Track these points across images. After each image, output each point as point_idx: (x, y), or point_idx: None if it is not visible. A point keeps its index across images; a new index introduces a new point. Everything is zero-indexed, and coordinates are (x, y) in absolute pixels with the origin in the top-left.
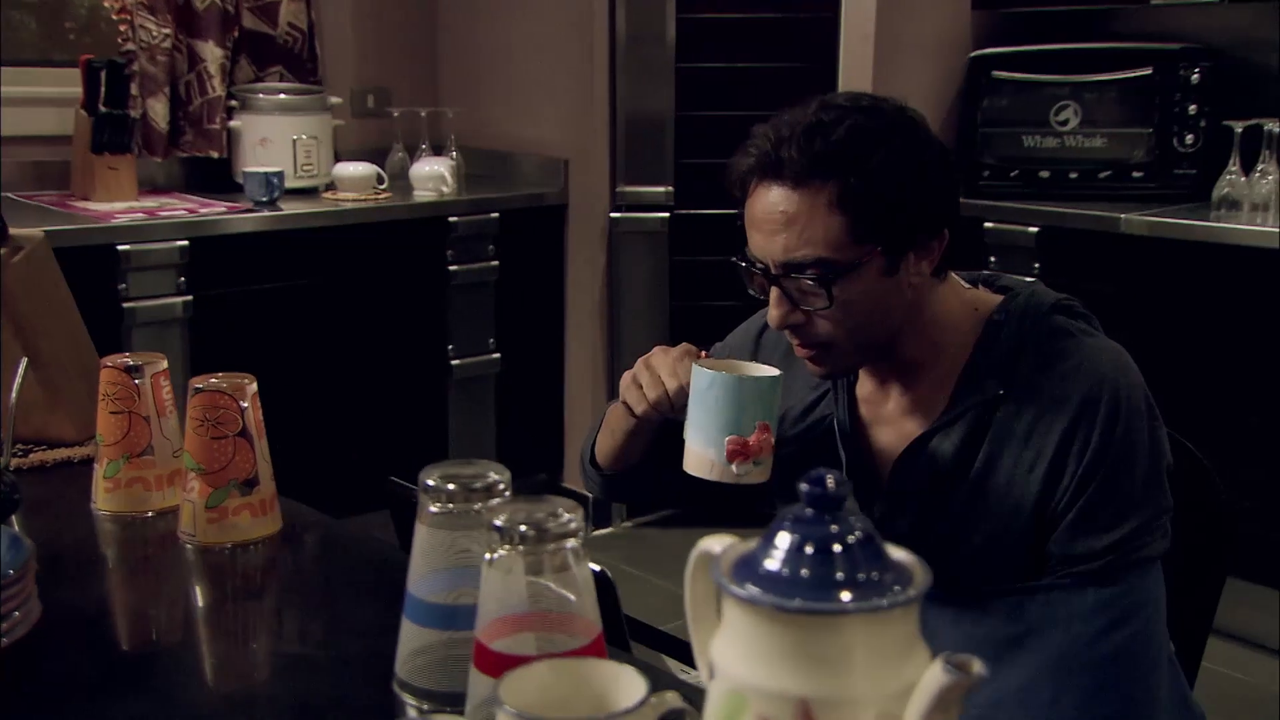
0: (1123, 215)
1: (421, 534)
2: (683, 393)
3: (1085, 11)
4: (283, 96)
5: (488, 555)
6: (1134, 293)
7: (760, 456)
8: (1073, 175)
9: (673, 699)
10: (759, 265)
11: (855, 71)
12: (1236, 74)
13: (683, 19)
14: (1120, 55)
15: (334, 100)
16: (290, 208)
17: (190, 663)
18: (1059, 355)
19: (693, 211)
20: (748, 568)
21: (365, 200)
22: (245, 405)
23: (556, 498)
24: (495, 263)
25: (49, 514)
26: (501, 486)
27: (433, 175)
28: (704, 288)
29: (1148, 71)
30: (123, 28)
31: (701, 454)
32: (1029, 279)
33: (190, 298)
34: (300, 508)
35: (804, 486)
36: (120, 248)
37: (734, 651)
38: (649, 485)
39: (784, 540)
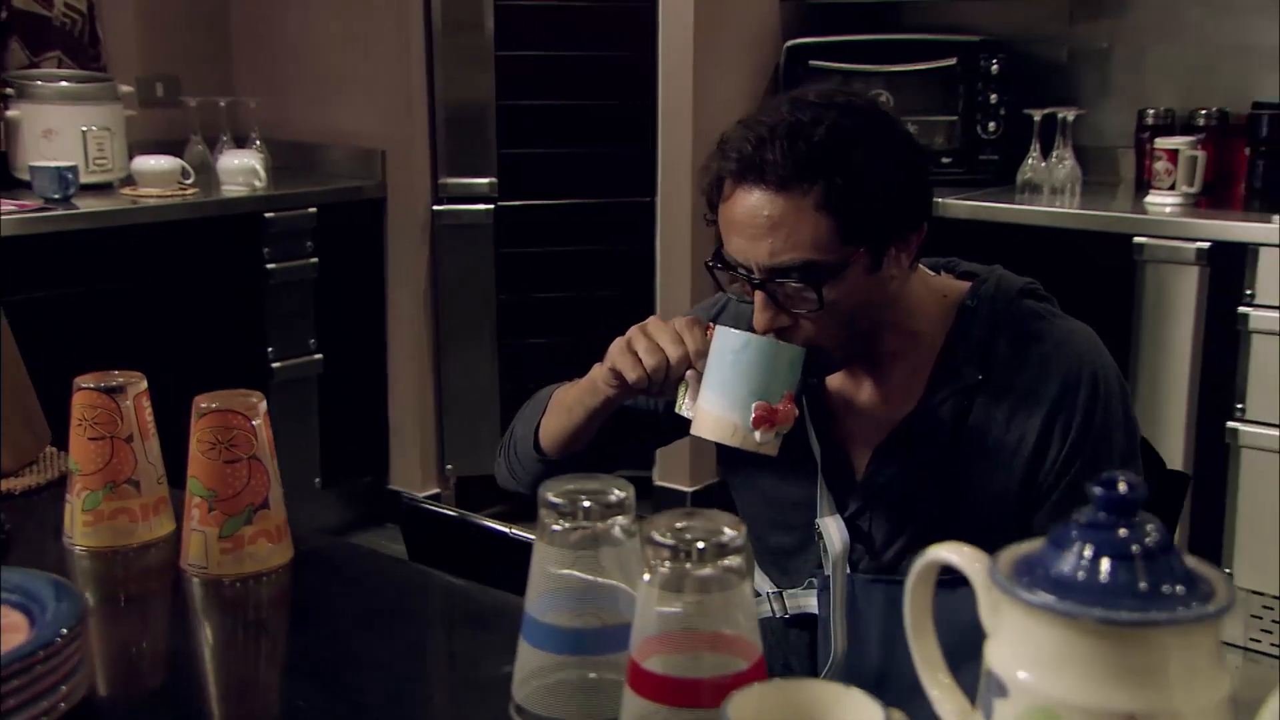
0: (940, 200)
1: (542, 553)
2: (686, 360)
3: (884, 4)
4: (66, 84)
5: (646, 575)
6: None
7: (783, 426)
8: None
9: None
10: (741, 270)
11: (675, 60)
12: (1030, 65)
13: (501, 6)
14: (927, 46)
15: (124, 89)
16: (87, 205)
17: (286, 709)
18: (1034, 338)
19: (517, 203)
20: (1034, 575)
21: (170, 196)
22: (257, 424)
23: (716, 511)
24: (314, 260)
25: (13, 554)
26: (627, 502)
27: (243, 169)
28: (531, 280)
29: (952, 62)
30: None
31: (723, 418)
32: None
33: None
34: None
35: (1097, 490)
36: None
37: (1041, 667)
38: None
39: (1078, 547)
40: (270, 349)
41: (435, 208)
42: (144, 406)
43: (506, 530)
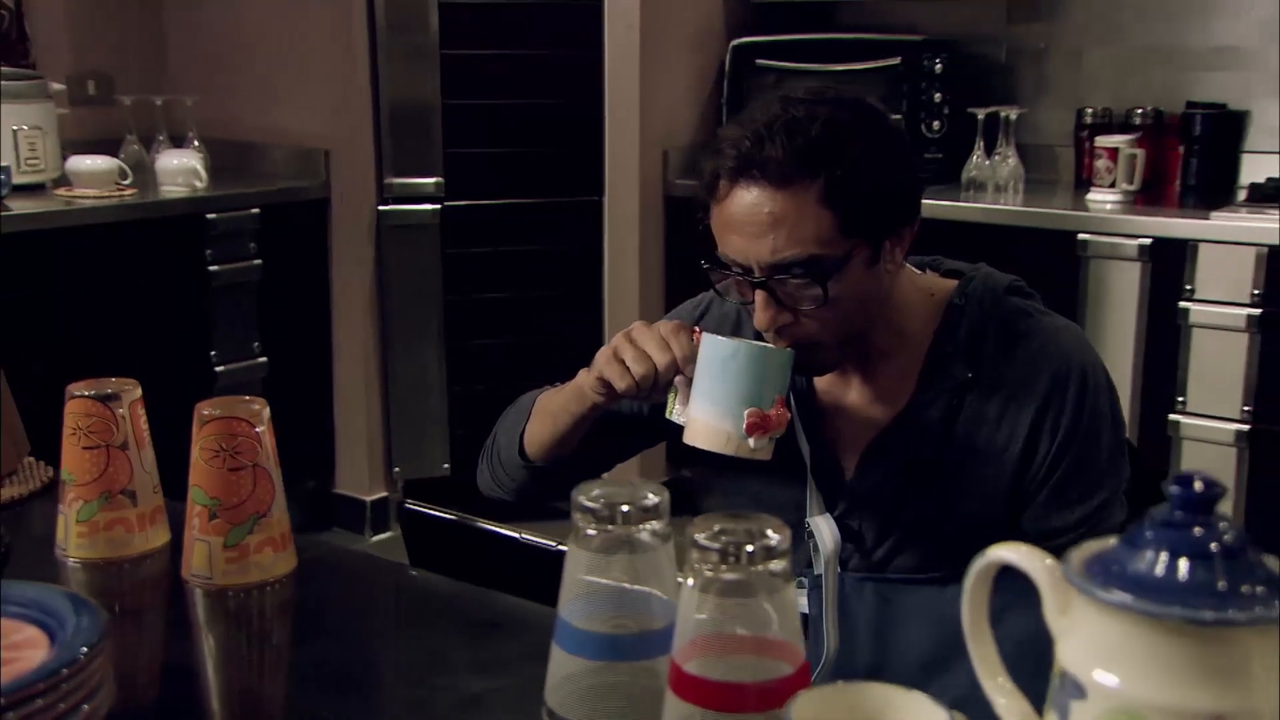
0: None
1: (576, 557)
2: (674, 367)
3: (824, 3)
4: None
5: (689, 580)
6: None
7: (776, 431)
8: None
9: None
10: (739, 269)
11: (621, 59)
12: (971, 64)
13: (445, 4)
14: (871, 45)
15: (56, 87)
16: (20, 206)
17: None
18: (1022, 336)
19: (464, 203)
20: (1109, 575)
21: (108, 197)
22: (260, 430)
23: (761, 515)
24: (257, 261)
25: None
26: (661, 506)
27: (183, 169)
28: (478, 280)
29: (896, 61)
30: None
31: (716, 427)
32: (974, 263)
33: None
34: None
35: (1174, 489)
36: None
37: (1121, 668)
38: (574, 479)
39: (1155, 546)
40: (214, 352)
41: (381, 208)
42: (139, 414)
43: (516, 535)
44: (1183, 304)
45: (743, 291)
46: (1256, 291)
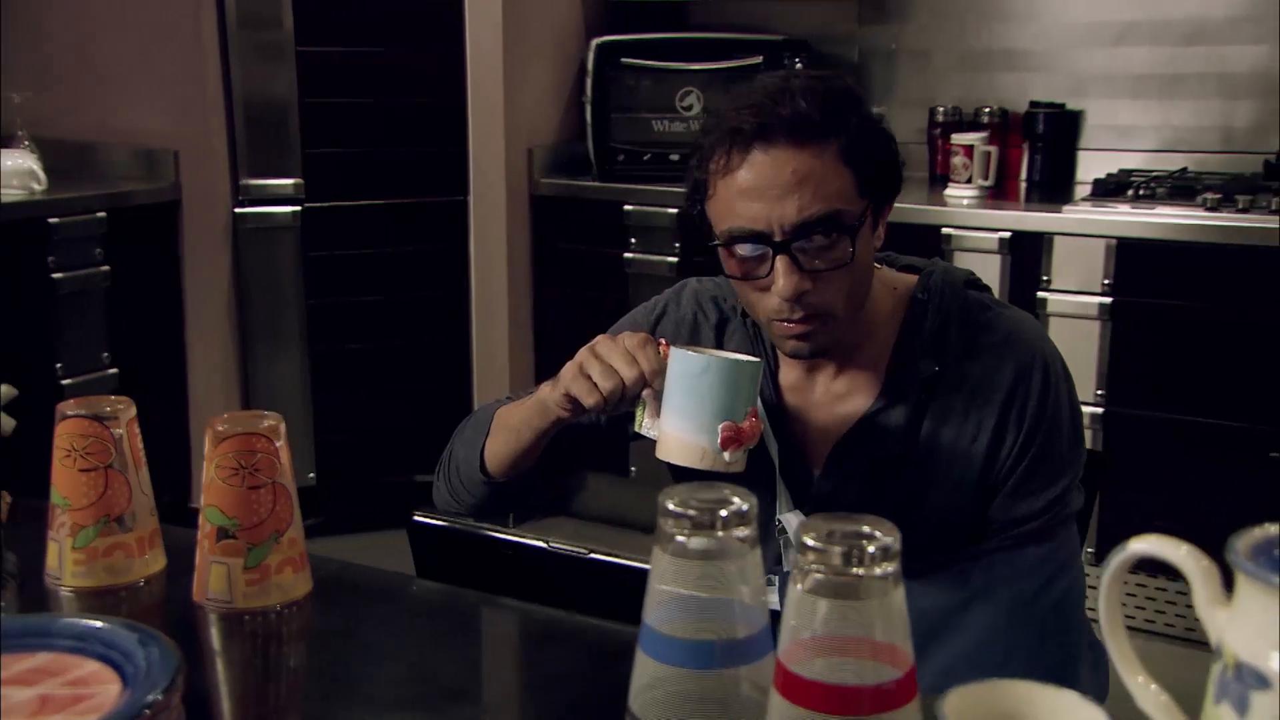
0: None
1: (662, 563)
2: (641, 381)
3: (679, 3)
4: None
5: (798, 585)
6: None
7: (750, 443)
8: None
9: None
10: (749, 241)
11: (485, 57)
12: (825, 64)
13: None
14: (732, 44)
15: None
16: None
17: None
18: (985, 328)
19: (325, 204)
20: (1274, 559)
21: None
22: (279, 445)
23: (869, 517)
24: (105, 268)
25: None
26: (750, 512)
27: (19, 170)
28: (342, 283)
29: (758, 60)
30: None
31: (691, 442)
32: (928, 259)
33: None
34: None
35: None
36: None
37: None
38: (534, 492)
39: None
40: (59, 364)
41: (237, 210)
42: (135, 434)
43: (543, 544)
44: (1040, 294)
45: (748, 270)
46: (1107, 281)
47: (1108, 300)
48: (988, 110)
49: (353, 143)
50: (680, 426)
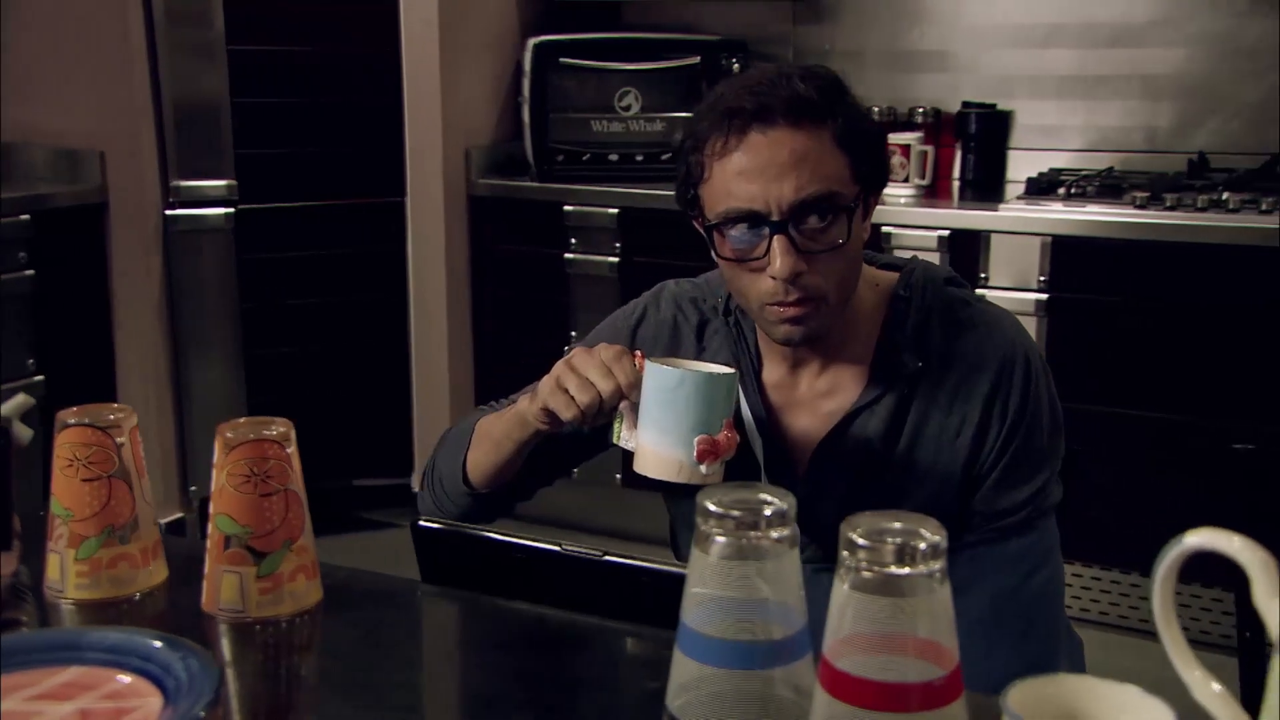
0: None
1: (700, 563)
2: (619, 394)
3: (612, 2)
4: None
5: (844, 585)
6: (713, 264)
7: (727, 455)
8: (639, 158)
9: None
10: (745, 222)
11: (420, 56)
12: (763, 63)
13: None
14: (672, 45)
15: None
16: None
17: None
18: (966, 324)
19: (260, 206)
20: None
21: None
22: (291, 452)
23: (914, 514)
24: (29, 272)
25: None
26: (789, 513)
27: None
28: (278, 286)
29: (696, 60)
30: None
31: (668, 456)
32: (906, 256)
33: None
34: None
35: None
36: None
37: None
38: (514, 502)
39: None
40: None
41: (167, 212)
42: (138, 441)
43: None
44: (978, 291)
45: (743, 252)
46: (1043, 278)
47: (1044, 297)
48: (921, 110)
49: (287, 143)
50: (656, 441)
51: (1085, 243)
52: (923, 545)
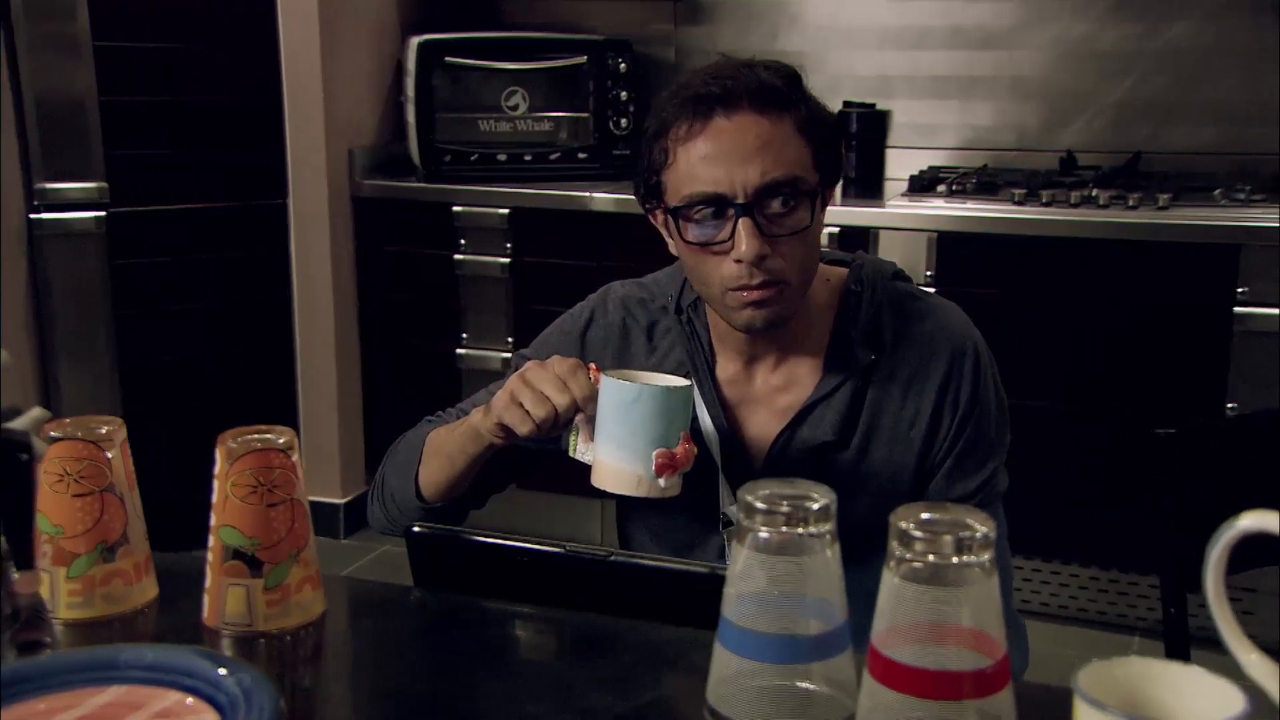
0: (585, 194)
1: (742, 557)
2: (574, 407)
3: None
4: None
5: (894, 576)
6: (604, 265)
7: (685, 467)
8: (527, 157)
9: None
10: (718, 200)
11: (300, 52)
12: (645, 64)
13: None
14: (558, 44)
15: None
16: None
17: None
18: (916, 317)
19: (133, 209)
20: None
21: None
22: (296, 460)
23: (960, 506)
24: None
25: None
26: (830, 509)
27: None
28: (155, 293)
29: (583, 60)
30: None
31: (625, 470)
32: (852, 251)
33: None
34: None
35: None
36: None
37: None
38: (467, 510)
39: None
40: None
41: (32, 216)
42: (127, 454)
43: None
44: None
45: (709, 235)
46: (929, 272)
47: (932, 291)
48: None
49: (161, 144)
50: (614, 455)
51: (969, 238)
52: (977, 535)
